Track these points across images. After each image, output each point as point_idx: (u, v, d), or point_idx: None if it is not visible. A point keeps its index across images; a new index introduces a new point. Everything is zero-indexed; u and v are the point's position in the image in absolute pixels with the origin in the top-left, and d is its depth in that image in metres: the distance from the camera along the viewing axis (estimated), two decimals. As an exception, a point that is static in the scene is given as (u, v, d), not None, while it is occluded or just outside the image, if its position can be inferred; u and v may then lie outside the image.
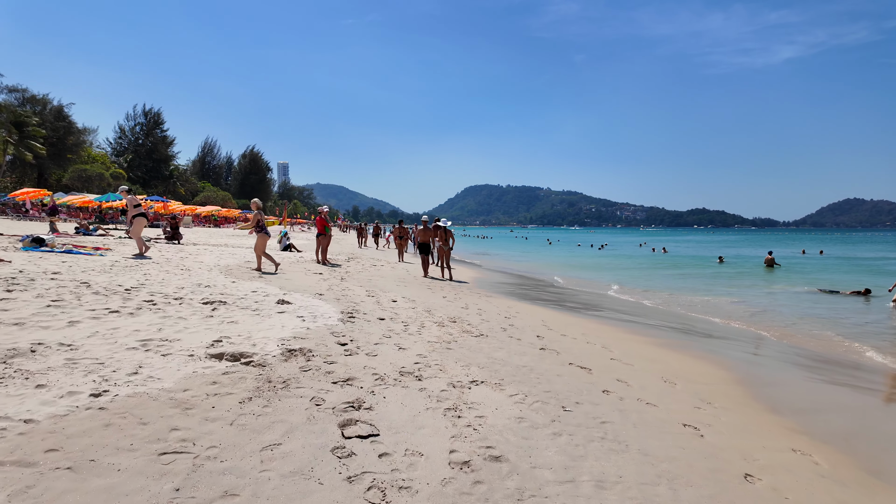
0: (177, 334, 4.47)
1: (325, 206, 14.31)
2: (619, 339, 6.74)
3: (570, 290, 13.70)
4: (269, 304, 6.34)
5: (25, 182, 58.22)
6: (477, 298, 9.76)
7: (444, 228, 13.46)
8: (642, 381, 4.63)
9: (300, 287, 8.59)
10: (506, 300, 10.17)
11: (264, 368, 3.78)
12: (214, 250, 15.29)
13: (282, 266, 12.10)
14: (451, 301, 8.81)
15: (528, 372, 4.47)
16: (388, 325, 5.86)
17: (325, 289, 8.71)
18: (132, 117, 76.96)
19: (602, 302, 11.48)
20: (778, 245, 55.52)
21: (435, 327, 6.05)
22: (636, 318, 9.19)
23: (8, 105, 53.05)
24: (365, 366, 4.12)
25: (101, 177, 57.38)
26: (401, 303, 7.91)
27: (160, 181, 76.37)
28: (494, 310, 8.25)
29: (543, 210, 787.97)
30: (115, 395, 3.02)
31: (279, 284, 8.66)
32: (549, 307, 9.82)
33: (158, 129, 78.80)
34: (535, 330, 6.68)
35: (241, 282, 8.57)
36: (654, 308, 11.11)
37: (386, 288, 9.82)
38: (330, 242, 14.23)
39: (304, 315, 5.87)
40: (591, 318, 8.70)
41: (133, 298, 5.71)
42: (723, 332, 8.46)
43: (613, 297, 12.54)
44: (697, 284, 16.28)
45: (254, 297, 6.87)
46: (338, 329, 5.33)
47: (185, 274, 8.80)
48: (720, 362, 5.91)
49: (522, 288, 13.46)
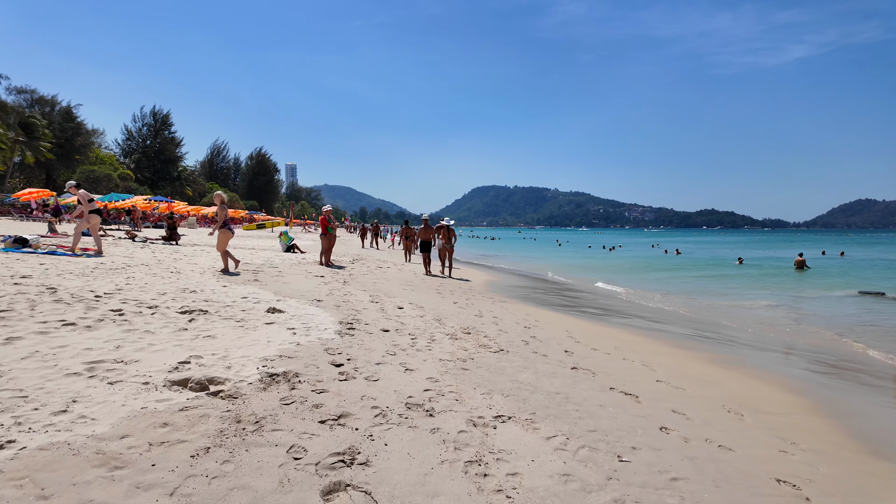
0: (137, 353, 3.69)
1: (328, 206, 13.57)
2: (658, 354, 5.88)
3: (589, 294, 12.83)
4: (258, 314, 5.56)
5: (34, 183, 58.32)
6: (490, 304, 8.93)
7: (447, 227, 13.79)
8: (703, 413, 3.77)
9: (298, 292, 7.81)
10: (522, 306, 9.33)
11: (235, 401, 2.98)
12: (213, 251, 14.60)
13: (280, 269, 11.36)
14: (462, 308, 7.98)
15: (563, 401, 3.64)
16: (392, 339, 5.05)
17: (326, 294, 7.93)
18: (139, 118, 77.10)
19: (626, 307, 10.60)
20: (794, 246, 54.13)
21: (447, 340, 5.23)
22: (668, 327, 8.31)
23: (16, 107, 53.11)
24: (363, 395, 3.31)
25: (109, 178, 57.33)
26: (408, 310, 7.10)
27: (168, 182, 76.34)
28: (511, 318, 7.42)
29: (551, 211, 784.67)
30: (23, 447, 2.24)
31: (275, 289, 7.89)
32: (571, 314, 8.96)
33: (167, 131, 78.88)
34: (561, 343, 5.84)
35: (234, 286, 7.81)
36: (685, 314, 10.21)
37: (392, 292, 9.02)
38: (334, 243, 13.48)
39: (296, 327, 5.07)
40: (619, 328, 7.84)
41: (98, 307, 4.94)
42: (770, 342, 7.56)
43: (637, 303, 11.64)
44: (725, 287, 15.32)
45: (242, 304, 6.10)
46: (334, 344, 4.53)
47: (173, 277, 8.06)
48: (784, 383, 5.03)
49: (538, 292, 12.62)
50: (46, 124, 56.81)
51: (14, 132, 47.31)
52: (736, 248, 49.83)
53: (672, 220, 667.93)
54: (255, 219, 55.53)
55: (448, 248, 13.85)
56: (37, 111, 57.07)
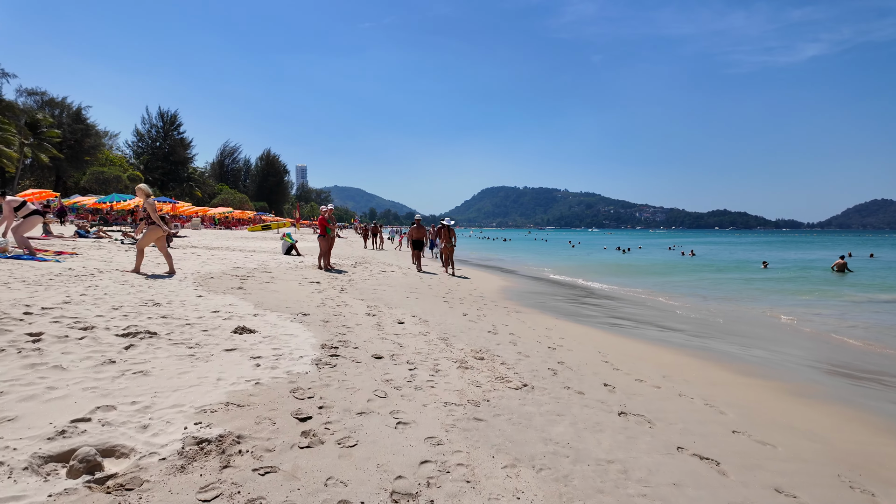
0: (20, 405, 2.65)
1: (327, 205, 12.56)
2: (718, 384, 4.72)
3: (613, 300, 11.65)
4: (222, 335, 4.51)
5: (44, 185, 58.33)
6: (506, 315, 7.82)
7: (448, 227, 14.42)
8: (822, 492, 2.64)
9: (284, 303, 6.77)
10: (542, 317, 8.20)
11: (126, 498, 1.93)
12: (207, 254, 13.66)
13: (274, 274, 10.36)
14: (473, 321, 6.88)
15: (621, 478, 2.53)
16: (385, 370, 3.96)
17: (316, 305, 6.88)
18: (147, 120, 77.18)
19: (657, 316, 9.42)
20: (812, 248, 52.17)
21: (455, 371, 4.14)
22: (714, 343, 7.13)
23: (25, 109, 53.11)
24: (329, 477, 2.23)
25: (119, 179, 57.16)
26: (409, 325, 6.02)
27: (177, 183, 76.27)
28: (531, 334, 6.30)
29: (561, 212, 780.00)
30: None
31: (258, 299, 6.86)
32: (598, 326, 7.81)
33: (175, 131, 78.90)
34: (597, 370, 4.72)
35: (211, 296, 6.80)
36: (728, 326, 9.01)
37: (393, 302, 7.95)
38: (333, 245, 12.46)
39: (263, 354, 4.01)
40: (658, 344, 6.67)
41: (12, 330, 3.91)
42: (842, 361, 6.34)
43: (669, 311, 10.44)
44: (760, 293, 14.02)
45: (209, 321, 5.06)
46: (306, 381, 3.46)
47: (144, 286, 7.07)
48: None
49: (557, 298, 11.46)
50: (55, 125, 56.83)
51: (22, 134, 47.17)
52: (754, 249, 48.07)
53: (684, 221, 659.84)
54: (262, 220, 54.96)
55: (449, 248, 14.35)
56: (47, 113, 57.16)
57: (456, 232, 14.66)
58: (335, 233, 12.61)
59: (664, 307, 10.88)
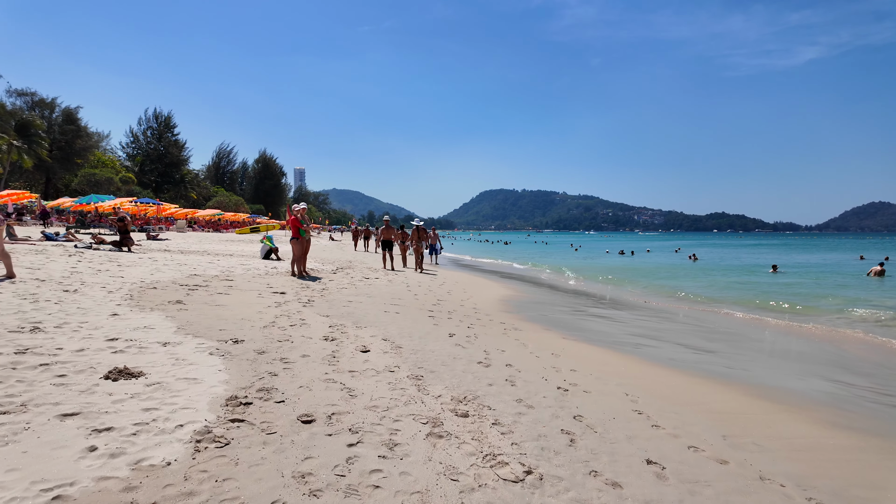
0: None
1: (300, 204, 11.12)
2: (811, 449, 3.28)
3: (627, 310, 10.22)
4: (84, 383, 3.07)
5: (35, 187, 56.84)
6: (502, 335, 6.37)
7: (420, 228, 15.58)
8: None
9: (221, 323, 5.33)
10: (547, 335, 6.76)
11: None
12: (170, 259, 12.21)
13: (235, 283, 8.92)
14: (461, 345, 5.44)
15: None
16: (306, 450, 2.51)
17: (263, 325, 5.44)
18: (143, 121, 75.89)
19: (682, 331, 7.97)
20: (819, 251, 50.80)
21: (421, 442, 2.71)
22: (767, 371, 5.70)
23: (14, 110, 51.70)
24: None
25: (111, 181, 55.77)
26: (375, 355, 4.58)
27: (172, 185, 74.88)
28: (534, 364, 4.86)
29: (559, 214, 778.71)
30: None
31: (188, 319, 5.42)
32: (616, 348, 6.34)
33: (170, 133, 77.63)
34: (631, 431, 3.26)
35: (131, 315, 5.37)
36: (775, 344, 7.58)
37: (366, 318, 6.50)
38: (308, 249, 11.03)
39: (116, 424, 2.54)
40: (698, 375, 5.22)
41: None
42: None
43: (694, 324, 9.00)
44: (787, 299, 12.56)
45: (87, 357, 3.62)
46: (153, 488, 2.03)
47: (51, 303, 5.64)
48: None
49: (562, 309, 10.01)
50: (45, 126, 55.43)
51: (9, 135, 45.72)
52: (757, 252, 46.55)
53: (682, 224, 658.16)
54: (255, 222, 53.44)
55: (418, 247, 15.25)
56: (36, 114, 55.78)
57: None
58: (310, 235, 11.18)
59: (686, 318, 9.44)
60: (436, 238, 20.37)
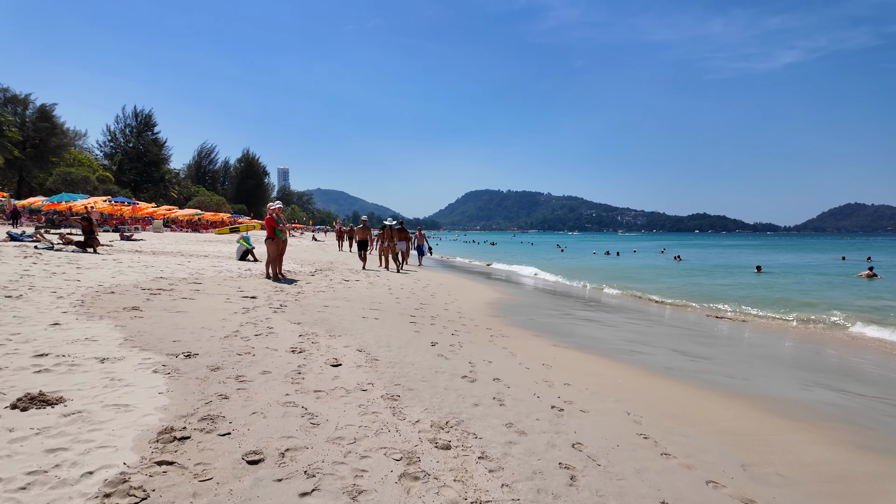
0: None
1: (276, 202, 10.54)
2: (846, 476, 2.88)
3: (618, 313, 9.84)
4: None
5: (6, 186, 54.77)
6: (489, 344, 5.92)
7: (391, 228, 15.60)
8: None
9: (176, 334, 4.77)
10: (537, 342, 6.33)
11: None
12: (137, 260, 11.50)
13: (204, 286, 8.33)
14: (444, 355, 4.96)
15: None
16: (248, 497, 2.02)
17: (224, 336, 4.89)
18: (122, 119, 73.90)
19: (678, 335, 7.61)
20: (799, 251, 51.57)
21: (391, 487, 2.23)
22: (772, 382, 5.35)
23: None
24: None
25: (87, 180, 54.05)
26: (347, 369, 4.08)
27: (152, 184, 73.05)
28: (525, 378, 4.41)
29: (544, 215, 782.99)
30: None
31: (139, 329, 4.85)
32: (611, 355, 5.92)
33: (150, 131, 75.74)
34: (640, 463, 2.82)
35: (76, 324, 4.79)
36: (762, 347, 7.26)
37: (340, 326, 5.98)
38: (284, 250, 10.45)
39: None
40: (702, 387, 4.82)
41: None
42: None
43: (687, 327, 8.66)
44: (783, 302, 12.33)
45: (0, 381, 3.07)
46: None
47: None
48: None
49: (552, 313, 9.59)
50: (16, 123, 53.49)
51: (-25, 131, 43.95)
52: (739, 253, 47.00)
53: (664, 224, 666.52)
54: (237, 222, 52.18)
55: (391, 247, 15.34)
56: (8, 110, 53.78)
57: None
58: (287, 235, 10.59)
59: (678, 321, 9.10)
60: (422, 238, 19.75)
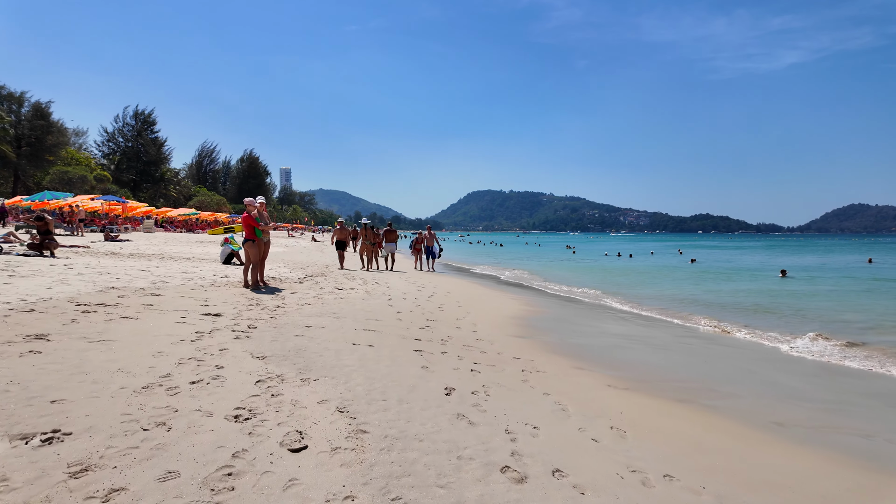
0: None
1: (258, 198, 8.95)
2: None
3: (663, 330, 8.24)
4: None
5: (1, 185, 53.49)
6: (524, 387, 4.30)
7: (366, 227, 15.17)
8: None
9: (70, 381, 3.18)
10: (587, 380, 4.72)
11: None
12: (98, 265, 9.93)
13: (162, 298, 6.75)
14: (466, 414, 3.35)
15: None
16: None
17: (145, 384, 3.29)
18: (121, 119, 72.58)
19: (751, 368, 6.02)
20: (817, 253, 49.67)
21: None
22: None
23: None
24: None
25: (84, 179, 52.71)
26: (314, 455, 2.48)
27: (151, 184, 71.75)
28: (602, 467, 2.80)
29: (546, 216, 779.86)
30: None
31: (16, 375, 3.26)
32: (692, 402, 4.34)
33: (149, 131, 74.46)
34: None
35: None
36: (884, 387, 5.65)
37: (319, 361, 4.37)
38: (266, 253, 8.88)
39: None
40: (852, 463, 3.25)
41: None
42: None
43: (758, 352, 7.05)
44: (841, 317, 10.60)
45: None
46: None
47: None
48: None
49: (586, 330, 7.97)
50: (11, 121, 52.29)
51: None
52: (752, 254, 45.00)
53: (667, 225, 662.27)
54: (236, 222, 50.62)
55: (367, 246, 15.01)
56: (3, 108, 52.53)
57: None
58: (269, 235, 9.00)
59: (736, 343, 7.46)
60: (433, 239, 17.54)
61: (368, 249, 15.00)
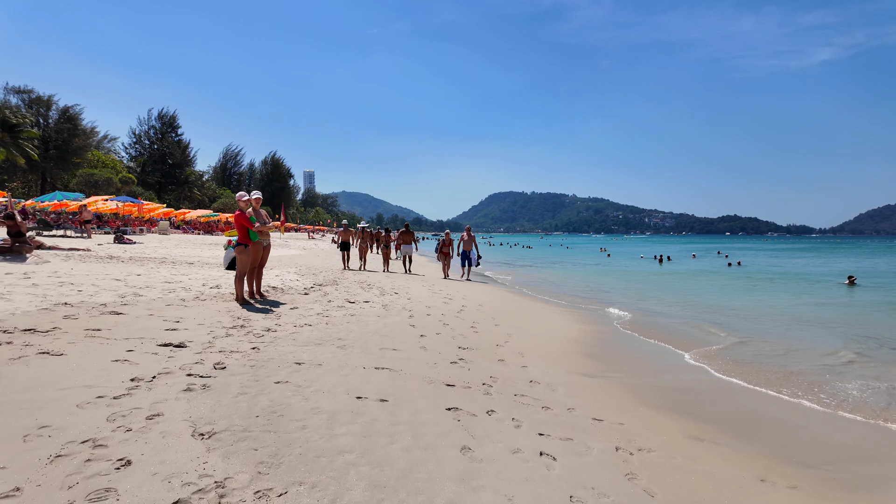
0: None
1: (254, 193, 7.41)
2: None
3: (785, 393, 6.40)
4: None
5: (32, 188, 54.20)
6: (631, 486, 2.60)
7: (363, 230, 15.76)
8: None
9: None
10: (708, 459, 2.99)
11: None
12: (69, 272, 8.56)
13: (121, 319, 5.23)
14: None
15: None
16: None
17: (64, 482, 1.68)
18: (145, 121, 73.31)
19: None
20: (872, 256, 46.01)
21: None
22: None
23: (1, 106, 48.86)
24: None
25: (110, 181, 53.00)
26: None
27: (175, 186, 72.16)
28: None
29: (569, 217, 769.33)
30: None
31: None
32: None
33: (173, 133, 75.09)
34: None
35: None
36: None
37: (299, 440, 2.72)
38: (265, 261, 7.34)
39: None
40: None
41: None
42: None
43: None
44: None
45: None
46: None
47: None
48: None
49: (676, 363, 6.21)
50: (35, 123, 52.86)
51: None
52: (799, 257, 41.71)
53: (694, 227, 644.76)
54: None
55: (363, 246, 15.56)
56: (31, 111, 53.24)
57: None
58: (268, 238, 7.42)
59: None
60: (471, 242, 14.75)
61: (363, 250, 15.79)
